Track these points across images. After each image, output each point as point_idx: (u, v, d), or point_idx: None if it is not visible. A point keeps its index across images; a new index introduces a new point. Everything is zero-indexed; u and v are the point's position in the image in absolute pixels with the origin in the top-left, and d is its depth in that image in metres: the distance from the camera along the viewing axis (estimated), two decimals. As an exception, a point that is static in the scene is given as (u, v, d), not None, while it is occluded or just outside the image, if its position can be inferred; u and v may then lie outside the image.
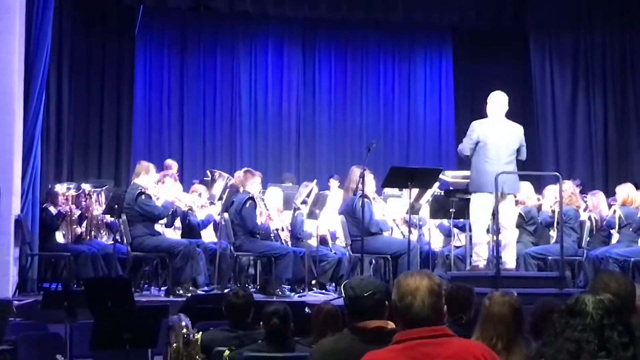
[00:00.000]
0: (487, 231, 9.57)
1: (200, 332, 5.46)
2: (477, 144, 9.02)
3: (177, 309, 6.96)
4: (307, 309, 7.47)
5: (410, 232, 9.89)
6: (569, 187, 10.84)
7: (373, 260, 10.80)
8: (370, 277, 4.38)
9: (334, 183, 12.62)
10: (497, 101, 9.20)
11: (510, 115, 9.39)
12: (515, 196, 9.60)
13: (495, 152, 8.97)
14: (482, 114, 9.40)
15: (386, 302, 3.67)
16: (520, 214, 10.74)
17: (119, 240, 10.29)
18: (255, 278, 11.12)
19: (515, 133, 9.16)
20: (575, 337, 2.28)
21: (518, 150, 9.16)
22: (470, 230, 9.76)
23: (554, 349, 2.30)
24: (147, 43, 14.78)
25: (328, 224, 11.51)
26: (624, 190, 10.75)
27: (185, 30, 15.03)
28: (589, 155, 14.43)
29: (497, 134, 9.02)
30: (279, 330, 5.04)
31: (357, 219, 9.92)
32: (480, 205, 9.07)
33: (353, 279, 4.00)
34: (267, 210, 10.73)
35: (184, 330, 5.32)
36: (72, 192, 10.82)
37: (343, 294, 3.85)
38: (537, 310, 4.64)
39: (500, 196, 8.82)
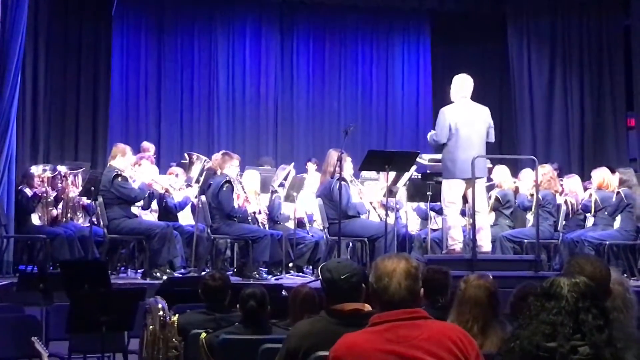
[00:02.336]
0: (462, 214, 9.60)
1: (177, 315, 5.46)
2: (449, 130, 9.02)
3: (153, 292, 6.93)
4: (284, 292, 7.48)
5: (387, 215, 9.90)
6: (548, 171, 10.88)
7: (350, 244, 10.83)
8: (348, 260, 4.39)
9: (311, 166, 12.62)
10: (462, 84, 9.21)
11: (488, 99, 9.43)
12: (489, 179, 9.62)
13: (467, 138, 8.98)
14: (461, 99, 9.39)
15: (363, 285, 3.68)
16: (496, 197, 10.79)
17: (96, 222, 10.25)
18: (232, 261, 11.13)
19: (482, 116, 9.16)
20: (551, 319, 2.29)
21: (487, 133, 9.16)
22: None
23: (530, 331, 2.31)
24: (124, 25, 14.67)
25: (305, 207, 11.51)
26: (600, 174, 10.80)
27: (162, 12, 14.94)
28: (565, 139, 14.51)
29: (467, 119, 9.02)
30: (255, 313, 5.04)
31: (334, 202, 9.93)
32: (452, 190, 9.09)
33: (330, 261, 4.01)
34: (245, 193, 10.72)
35: (161, 313, 5.31)
36: (48, 173, 10.76)
37: (320, 277, 3.86)
38: (518, 292, 4.66)
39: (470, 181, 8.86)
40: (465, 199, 9.32)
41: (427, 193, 10.20)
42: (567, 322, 2.28)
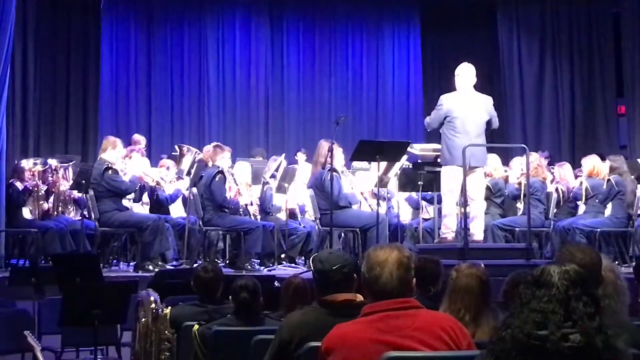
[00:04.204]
0: (457, 203, 9.61)
1: (169, 307, 5.45)
2: (446, 117, 9.02)
3: (145, 284, 6.93)
4: (276, 283, 7.49)
5: (378, 205, 9.91)
6: (535, 158, 10.90)
7: (342, 234, 10.84)
8: (339, 251, 4.39)
9: (301, 157, 12.61)
10: (465, 73, 9.20)
11: (478, 88, 9.40)
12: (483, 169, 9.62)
13: (464, 125, 8.97)
14: (450, 88, 9.40)
15: (355, 276, 3.68)
16: (487, 186, 10.79)
17: (87, 215, 10.23)
18: (224, 252, 11.12)
19: (484, 105, 9.17)
20: (541, 307, 2.30)
21: (489, 122, 9.17)
22: (439, 203, 9.79)
23: (520, 319, 2.31)
24: (113, 17, 14.63)
25: (297, 198, 11.51)
26: (590, 162, 10.81)
27: (151, 4, 14.90)
28: (555, 127, 14.55)
29: (466, 107, 9.02)
30: (248, 304, 5.04)
31: (325, 193, 9.93)
32: (450, 178, 9.08)
33: (322, 252, 4.01)
34: (237, 185, 10.71)
35: (153, 306, 5.30)
36: (39, 167, 10.72)
37: (312, 268, 3.86)
38: (511, 281, 4.67)
39: (469, 169, 8.85)
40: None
41: (419, 182, 10.19)
42: (558, 310, 2.29)
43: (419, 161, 10.27)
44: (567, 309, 2.30)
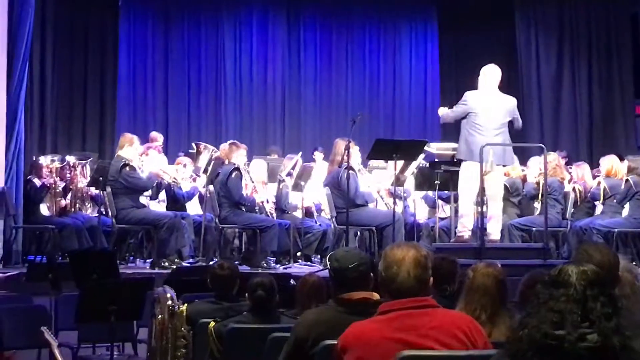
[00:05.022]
0: (474, 203, 9.58)
1: (186, 304, 5.45)
2: (469, 114, 9.00)
3: (162, 281, 6.95)
4: (292, 281, 7.49)
5: (395, 203, 9.90)
6: (554, 158, 10.85)
7: (358, 232, 10.83)
8: (355, 249, 4.39)
9: (318, 155, 12.61)
10: (490, 74, 9.17)
11: (495, 87, 9.38)
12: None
13: (484, 121, 8.94)
14: (468, 86, 9.39)
15: (371, 274, 3.68)
16: (504, 185, 10.77)
17: (104, 212, 10.27)
18: (240, 250, 11.13)
19: (507, 105, 9.14)
20: (559, 307, 2.29)
21: (512, 122, 9.14)
22: (455, 202, 9.77)
23: (537, 319, 2.30)
24: (130, 15, 14.68)
25: (313, 196, 11.52)
26: (608, 162, 10.77)
27: (169, 2, 14.95)
28: (573, 126, 14.48)
29: (488, 104, 9.00)
30: (264, 301, 5.04)
31: (342, 191, 9.93)
32: (468, 175, 9.04)
33: (338, 250, 4.01)
34: (253, 183, 10.72)
35: (169, 302, 5.30)
36: (57, 164, 10.77)
37: (328, 266, 3.86)
38: (527, 281, 4.66)
39: (490, 167, 8.82)
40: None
41: (435, 181, 10.19)
42: (575, 310, 2.28)
43: (436, 160, 10.25)
44: (585, 309, 2.29)
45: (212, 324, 5.01)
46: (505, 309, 4.28)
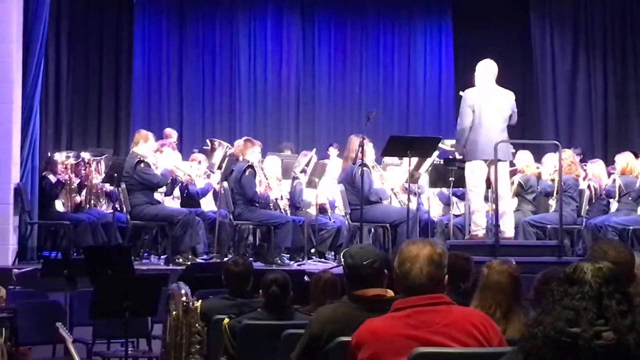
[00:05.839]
0: (485, 199, 9.56)
1: (200, 301, 5.47)
2: (472, 112, 8.98)
3: (176, 278, 6.97)
4: (306, 278, 7.49)
5: (409, 200, 9.88)
6: (569, 155, 10.82)
7: (372, 229, 10.83)
8: (370, 246, 4.38)
9: (333, 152, 12.61)
10: (486, 69, 9.15)
11: (510, 84, 9.36)
12: (512, 164, 9.54)
13: (488, 120, 8.92)
14: (482, 83, 9.35)
15: (385, 271, 3.68)
16: (519, 182, 10.75)
17: (119, 208, 10.31)
18: (254, 246, 11.15)
19: (506, 100, 9.10)
20: (574, 305, 2.28)
21: (509, 117, 9.12)
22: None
23: (552, 317, 2.30)
24: (145, 11, 14.71)
25: (327, 193, 11.52)
26: (624, 159, 10.73)
27: (183, -1, 14.98)
28: (588, 123, 14.42)
29: (489, 101, 8.97)
30: (278, 298, 5.05)
31: (356, 188, 9.92)
32: (475, 173, 9.03)
33: (352, 247, 4.01)
34: (267, 180, 10.73)
35: (184, 299, 5.33)
36: (72, 160, 10.80)
37: (342, 262, 3.86)
38: (542, 278, 4.64)
39: (492, 162, 8.80)
40: (488, 184, 9.28)
41: (450, 178, 10.17)
42: (591, 307, 2.27)
43: (450, 157, 10.24)
44: (600, 306, 2.28)
45: (227, 320, 5.02)
46: (520, 307, 4.27)
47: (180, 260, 9.80)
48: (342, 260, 3.86)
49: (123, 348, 6.45)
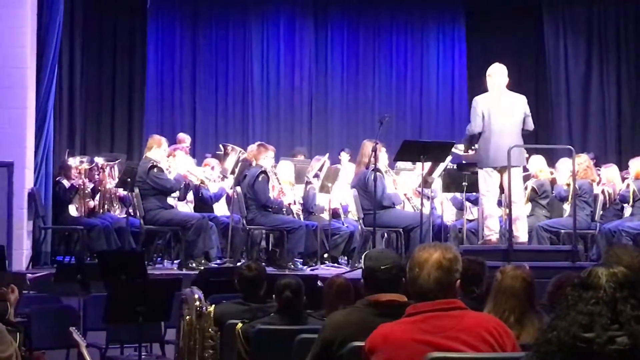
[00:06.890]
0: (498, 204, 9.53)
1: (213, 305, 5.48)
2: (483, 118, 8.96)
3: (189, 282, 6.99)
4: (319, 282, 7.49)
5: (422, 205, 9.87)
6: (585, 160, 10.77)
7: (385, 234, 10.82)
8: (391, 251, 4.37)
9: (344, 156, 12.60)
10: (497, 74, 9.13)
11: (523, 88, 9.35)
12: (525, 169, 9.51)
13: (500, 127, 8.91)
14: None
15: (402, 278, 3.66)
16: (532, 187, 10.72)
17: (132, 213, 10.33)
18: (267, 251, 11.15)
19: (518, 104, 9.08)
20: (588, 310, 2.28)
21: (524, 121, 9.08)
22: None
23: (567, 322, 2.29)
24: (159, 16, 14.76)
25: (340, 198, 11.50)
26: (637, 164, 10.70)
27: (197, 4, 14.99)
28: (602, 128, 14.38)
29: (500, 107, 8.95)
30: (291, 303, 5.05)
31: (369, 193, 9.92)
32: (487, 179, 9.02)
33: (373, 250, 4.04)
34: (280, 185, 10.74)
35: (197, 303, 5.33)
36: (85, 165, 10.85)
37: (362, 265, 3.86)
38: (556, 283, 4.63)
39: (503, 168, 8.78)
40: (502, 189, 9.26)
41: (463, 183, 10.17)
42: (605, 312, 2.27)
43: (463, 162, 10.22)
44: (614, 311, 2.28)
45: (240, 325, 5.02)
46: (534, 312, 4.26)
47: (194, 265, 9.82)
48: (363, 262, 3.86)
49: (136, 353, 6.46)
